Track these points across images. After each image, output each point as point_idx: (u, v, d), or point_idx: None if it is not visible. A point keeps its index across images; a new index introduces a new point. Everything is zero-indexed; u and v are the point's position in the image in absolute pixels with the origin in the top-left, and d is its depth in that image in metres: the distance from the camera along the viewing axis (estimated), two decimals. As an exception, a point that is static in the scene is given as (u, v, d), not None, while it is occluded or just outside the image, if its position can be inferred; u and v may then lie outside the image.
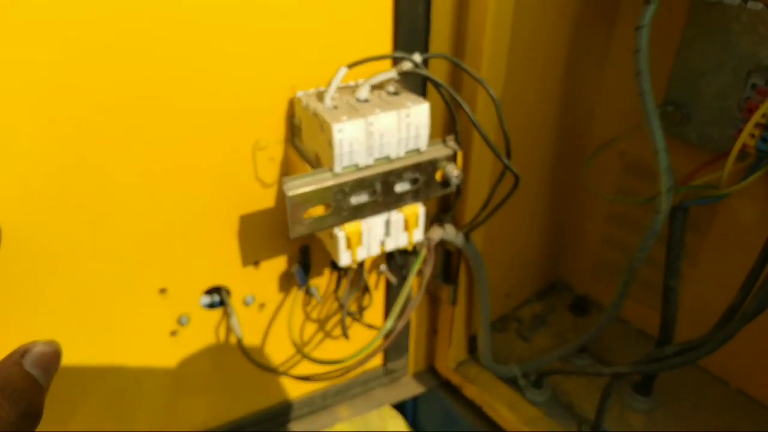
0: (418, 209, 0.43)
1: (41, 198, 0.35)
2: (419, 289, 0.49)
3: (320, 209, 0.39)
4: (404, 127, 0.39)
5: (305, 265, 0.49)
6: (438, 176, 0.42)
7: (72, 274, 0.39)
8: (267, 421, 0.57)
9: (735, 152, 0.47)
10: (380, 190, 0.40)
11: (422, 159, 0.40)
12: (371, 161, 0.39)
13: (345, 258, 0.41)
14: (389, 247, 0.43)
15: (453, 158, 0.42)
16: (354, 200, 0.39)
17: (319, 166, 0.39)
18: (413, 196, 0.42)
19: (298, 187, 0.37)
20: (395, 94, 0.40)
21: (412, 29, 0.42)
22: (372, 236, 0.42)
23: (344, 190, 0.38)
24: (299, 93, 0.40)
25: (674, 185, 0.49)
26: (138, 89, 0.35)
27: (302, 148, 0.42)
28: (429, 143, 0.41)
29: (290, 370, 0.54)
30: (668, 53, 0.54)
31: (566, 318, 0.73)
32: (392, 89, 0.40)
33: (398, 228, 0.43)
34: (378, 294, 0.56)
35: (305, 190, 0.37)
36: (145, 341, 0.45)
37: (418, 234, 0.44)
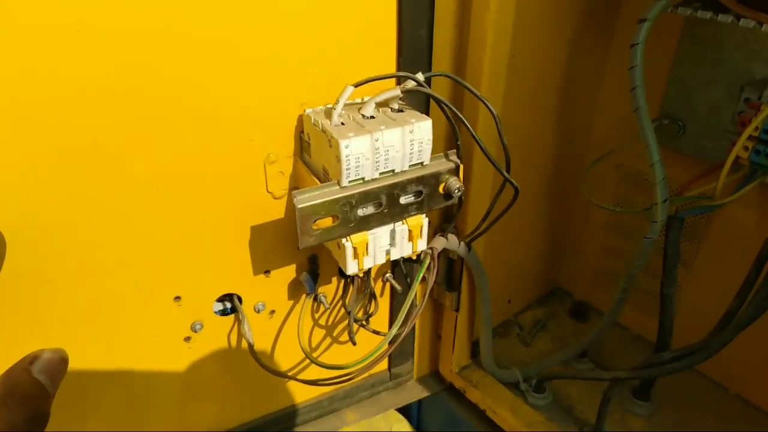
0: (422, 220, 0.44)
1: (61, 211, 0.37)
2: (423, 297, 0.50)
3: (328, 221, 0.40)
4: (408, 143, 0.40)
5: (314, 274, 0.50)
6: (441, 189, 0.44)
7: (91, 283, 0.41)
8: (276, 424, 0.59)
9: (729, 164, 0.48)
10: (386, 203, 0.41)
11: (426, 172, 0.42)
12: (377, 175, 0.41)
13: (352, 267, 0.43)
14: (394, 257, 0.45)
15: (455, 171, 0.43)
16: (361, 212, 0.41)
17: (327, 180, 0.41)
18: (417, 208, 0.43)
19: (308, 200, 0.39)
20: (399, 111, 0.42)
21: (416, 49, 0.44)
22: (378, 246, 0.44)
23: (351, 203, 0.40)
24: (308, 110, 0.42)
25: (670, 196, 0.50)
26: (159, 106, 0.37)
27: (311, 163, 0.44)
28: (432, 157, 0.43)
29: (299, 375, 0.56)
30: (663, 68, 0.56)
31: (566, 323, 0.75)
32: (396, 106, 0.42)
33: (403, 238, 0.44)
34: (383, 301, 0.58)
35: (314, 203, 0.39)
36: (160, 347, 0.47)
37: (422, 244, 0.46)
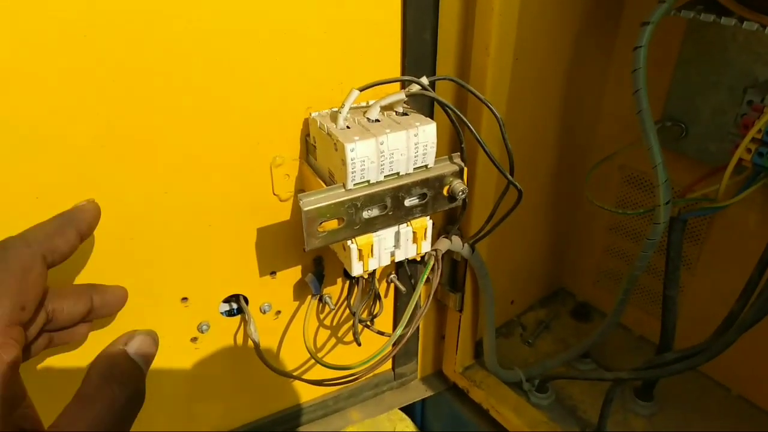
0: (426, 222, 0.45)
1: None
2: (427, 298, 0.51)
3: (334, 223, 0.41)
4: (413, 146, 0.41)
5: (319, 275, 0.51)
6: (445, 191, 0.44)
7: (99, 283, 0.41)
8: (281, 424, 0.59)
9: (732, 166, 0.49)
10: (390, 205, 0.42)
11: (430, 175, 0.43)
12: (382, 178, 0.41)
13: (357, 268, 0.44)
14: (399, 258, 0.46)
15: (459, 174, 0.44)
16: (366, 214, 0.42)
17: (333, 183, 0.42)
18: (422, 210, 0.44)
19: (314, 203, 0.39)
20: (404, 115, 0.42)
21: (420, 53, 0.45)
22: (382, 248, 0.44)
23: (356, 205, 0.41)
24: (314, 114, 0.43)
25: (672, 198, 0.51)
26: (165, 109, 0.38)
27: (316, 165, 0.44)
28: (436, 160, 0.43)
29: (304, 375, 0.57)
30: (666, 71, 0.56)
31: (569, 324, 0.75)
32: (401, 110, 0.43)
33: (407, 240, 0.45)
34: (388, 302, 0.59)
35: (320, 205, 0.39)
36: (167, 347, 0.48)
37: (426, 245, 0.46)
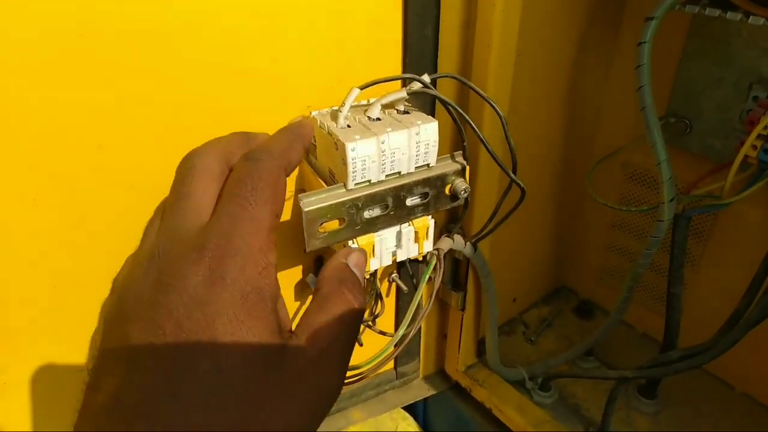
0: (428, 222, 0.44)
1: (65, 215, 0.37)
2: (429, 298, 0.50)
3: (335, 223, 0.40)
4: (414, 145, 0.40)
5: (320, 275, 0.51)
6: (447, 190, 0.43)
7: (95, 288, 0.41)
8: (283, 424, 0.59)
9: (737, 163, 0.48)
10: (392, 205, 0.41)
11: (432, 174, 0.42)
12: (383, 177, 0.41)
13: (358, 269, 0.43)
14: (400, 258, 0.45)
15: (461, 173, 0.43)
16: (367, 214, 0.41)
17: (333, 182, 0.41)
18: (423, 210, 0.43)
19: (314, 203, 0.39)
20: (405, 113, 0.42)
21: (421, 50, 0.44)
22: (384, 248, 0.44)
23: (357, 205, 0.40)
24: (314, 112, 0.42)
25: (676, 195, 0.50)
26: (163, 110, 0.37)
27: (317, 165, 0.44)
28: (438, 159, 0.42)
29: (305, 375, 0.56)
30: (670, 66, 0.55)
31: (571, 322, 0.75)
32: (402, 108, 0.42)
33: (409, 240, 0.44)
34: (389, 301, 0.58)
35: (320, 206, 0.39)
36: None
37: (428, 245, 0.46)
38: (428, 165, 0.42)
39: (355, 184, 0.40)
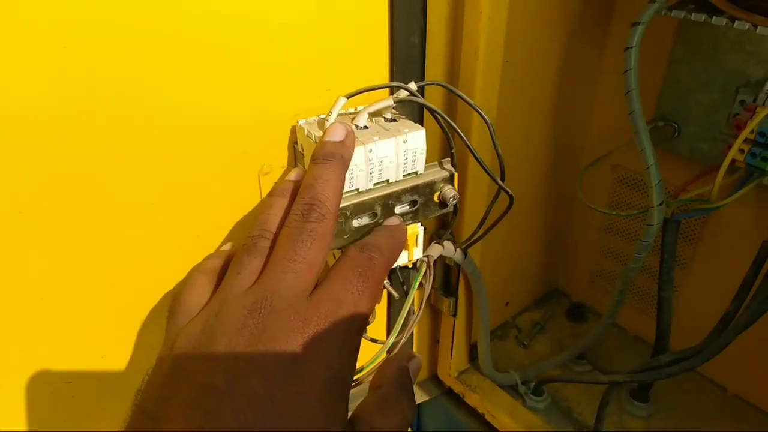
0: (418, 229, 0.44)
1: (54, 223, 0.37)
2: (420, 304, 0.50)
3: (323, 232, 0.40)
4: (402, 153, 0.40)
5: (310, 283, 0.50)
6: (436, 197, 0.43)
7: (87, 299, 0.41)
8: None
9: (725, 167, 0.48)
10: (380, 213, 0.41)
11: (420, 182, 0.42)
12: (371, 185, 0.40)
13: (348, 277, 0.43)
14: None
15: (450, 180, 0.43)
16: (356, 223, 0.41)
17: (322, 191, 0.41)
18: (412, 217, 0.43)
19: (302, 213, 0.38)
20: (393, 121, 0.42)
21: (408, 58, 0.44)
22: (373, 256, 0.44)
23: (346, 214, 0.40)
24: (301, 121, 0.42)
25: (666, 199, 0.50)
26: (149, 118, 0.37)
27: (305, 173, 0.44)
28: (426, 166, 0.42)
29: (297, 383, 0.56)
30: (658, 70, 0.55)
31: (564, 325, 0.75)
32: (390, 115, 0.42)
33: (398, 247, 0.44)
34: (381, 308, 0.58)
35: (308, 215, 0.39)
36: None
37: (418, 252, 0.46)
38: (416, 173, 0.42)
39: (343, 193, 0.40)
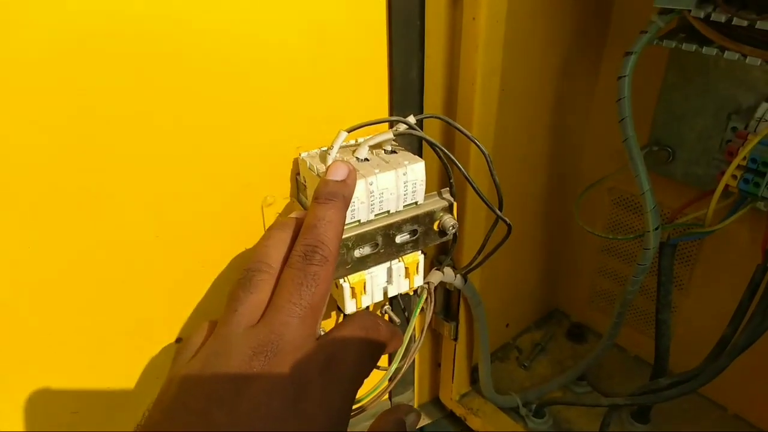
0: (418, 257, 0.45)
1: (62, 255, 0.38)
2: (422, 330, 0.51)
3: (325, 263, 0.41)
4: (402, 185, 0.41)
5: (312, 310, 0.51)
6: (435, 226, 0.44)
7: (93, 326, 0.41)
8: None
9: (718, 193, 0.49)
10: (382, 243, 0.42)
11: (420, 212, 0.43)
12: (372, 216, 0.41)
13: (351, 306, 0.44)
14: (392, 294, 0.46)
15: (449, 209, 0.44)
16: (357, 253, 0.42)
17: (324, 222, 0.42)
18: (413, 246, 0.44)
19: (305, 244, 0.39)
20: (393, 153, 0.43)
21: (407, 92, 0.45)
22: (375, 285, 0.44)
23: (348, 245, 0.41)
24: (303, 154, 0.43)
25: (661, 223, 0.51)
26: (154, 153, 0.38)
27: (307, 204, 0.44)
28: (426, 196, 0.43)
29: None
30: (652, 95, 0.56)
31: (564, 345, 0.75)
32: (390, 148, 0.43)
33: (400, 276, 0.45)
34: (382, 332, 0.58)
35: (311, 246, 0.39)
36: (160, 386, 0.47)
37: (419, 279, 0.46)
38: (416, 203, 0.43)
39: (345, 225, 0.40)
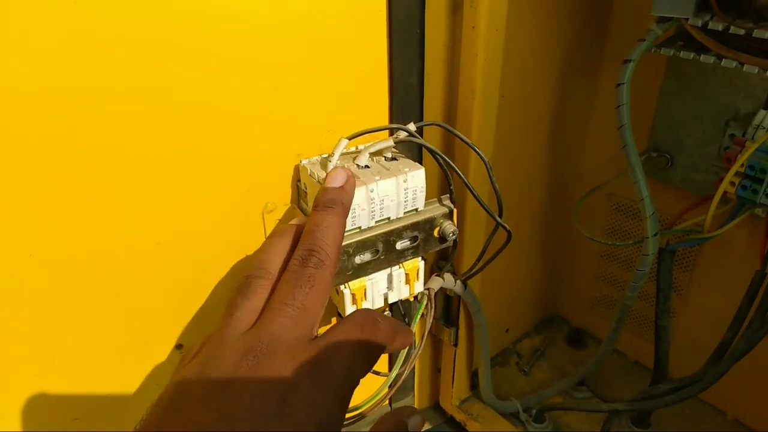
0: (418, 264, 0.45)
1: (64, 264, 0.38)
2: (422, 336, 0.51)
3: (326, 270, 0.41)
4: (402, 191, 0.41)
5: (313, 316, 0.51)
6: (435, 233, 0.44)
7: (94, 332, 0.41)
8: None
9: (716, 200, 0.49)
10: (382, 249, 0.42)
11: (420, 218, 0.43)
12: (373, 223, 0.42)
13: (351, 312, 0.44)
14: (392, 300, 0.46)
15: (449, 216, 0.44)
16: (358, 259, 0.42)
17: (324, 229, 0.42)
18: (413, 253, 0.44)
19: (305, 251, 0.39)
20: (393, 160, 0.43)
21: (407, 99, 0.45)
22: (376, 291, 0.44)
23: (348, 252, 0.41)
24: (304, 161, 0.43)
25: (660, 229, 0.51)
26: (156, 161, 0.38)
27: (308, 211, 0.45)
28: (426, 203, 0.43)
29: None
30: (650, 101, 0.57)
31: (564, 351, 0.75)
32: (390, 155, 0.43)
33: (400, 282, 0.45)
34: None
35: (312, 253, 0.39)
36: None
37: (419, 286, 0.47)
38: (417, 209, 0.43)
39: (346, 231, 0.41)
